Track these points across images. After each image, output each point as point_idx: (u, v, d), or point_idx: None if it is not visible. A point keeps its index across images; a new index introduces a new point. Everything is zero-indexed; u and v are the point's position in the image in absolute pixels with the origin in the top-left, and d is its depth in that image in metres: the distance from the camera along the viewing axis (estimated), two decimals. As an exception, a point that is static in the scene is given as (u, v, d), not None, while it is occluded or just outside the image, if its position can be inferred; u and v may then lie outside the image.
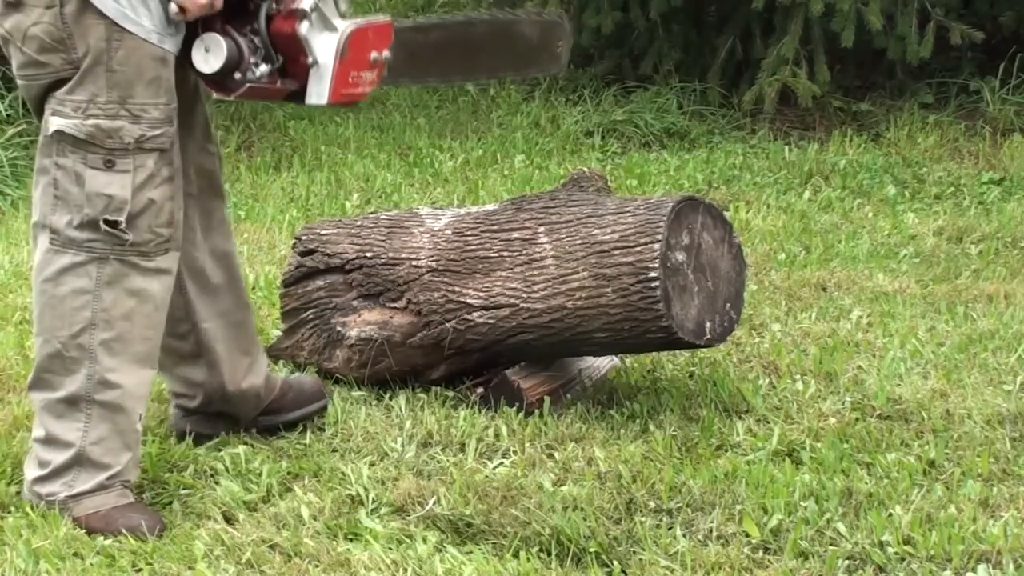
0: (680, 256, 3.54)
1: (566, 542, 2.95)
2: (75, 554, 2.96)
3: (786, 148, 7.04)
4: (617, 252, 3.55)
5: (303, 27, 3.10)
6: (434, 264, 3.78)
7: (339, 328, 3.88)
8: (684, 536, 3.00)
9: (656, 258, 3.49)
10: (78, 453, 3.07)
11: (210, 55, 3.07)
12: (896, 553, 2.91)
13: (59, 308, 3.04)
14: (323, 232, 4.02)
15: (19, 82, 3.07)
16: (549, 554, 2.94)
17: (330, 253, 3.94)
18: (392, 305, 3.83)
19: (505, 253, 3.71)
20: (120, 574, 2.91)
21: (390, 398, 3.78)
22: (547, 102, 7.58)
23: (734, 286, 3.66)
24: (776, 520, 3.03)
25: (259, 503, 3.20)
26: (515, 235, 3.72)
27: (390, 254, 3.86)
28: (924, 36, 7.13)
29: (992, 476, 3.30)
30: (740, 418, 3.66)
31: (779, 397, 3.81)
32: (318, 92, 3.16)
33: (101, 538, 3.01)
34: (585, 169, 3.87)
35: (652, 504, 3.14)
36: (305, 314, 3.96)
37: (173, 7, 3.01)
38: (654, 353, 3.97)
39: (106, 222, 2.99)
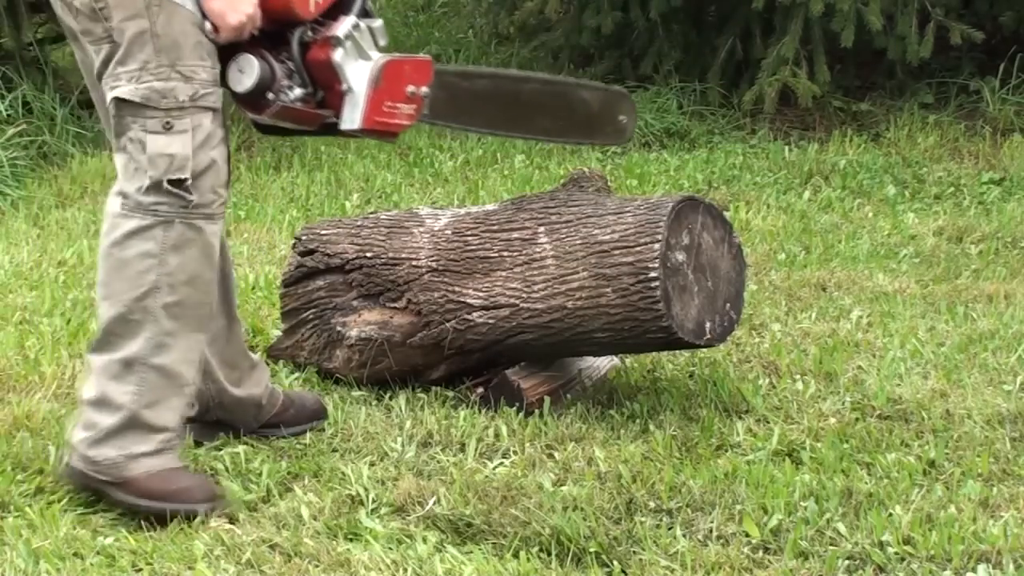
0: (680, 256, 3.54)
1: (566, 542, 2.95)
2: (75, 554, 2.96)
3: (786, 148, 7.04)
4: (617, 252, 3.55)
5: (337, 54, 3.20)
6: (434, 264, 3.78)
7: (339, 328, 3.88)
8: (684, 536, 3.00)
9: (656, 258, 3.49)
10: (131, 415, 3.08)
11: (243, 75, 3.16)
12: (896, 553, 2.91)
13: (125, 271, 3.08)
14: (323, 232, 4.02)
15: (76, 52, 3.19)
16: (549, 554, 2.94)
17: (330, 253, 3.94)
18: (392, 305, 3.83)
19: (505, 253, 3.71)
20: (120, 574, 2.91)
21: (390, 398, 3.78)
22: (547, 102, 7.57)
23: (734, 286, 3.66)
24: (776, 520, 3.03)
25: (259, 503, 3.20)
26: (515, 235, 3.72)
27: (390, 254, 3.86)
28: (924, 36, 7.13)
29: (992, 476, 3.30)
30: (740, 418, 3.66)
31: (779, 397, 3.81)
32: (351, 117, 3.24)
33: (101, 538, 3.01)
34: (585, 169, 3.87)
35: (652, 504, 3.14)
36: (305, 314, 3.96)
37: (208, 25, 3.11)
38: (654, 353, 3.97)
39: (170, 182, 3.05)
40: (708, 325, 3.59)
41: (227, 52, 3.18)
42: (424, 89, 3.33)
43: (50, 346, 4.18)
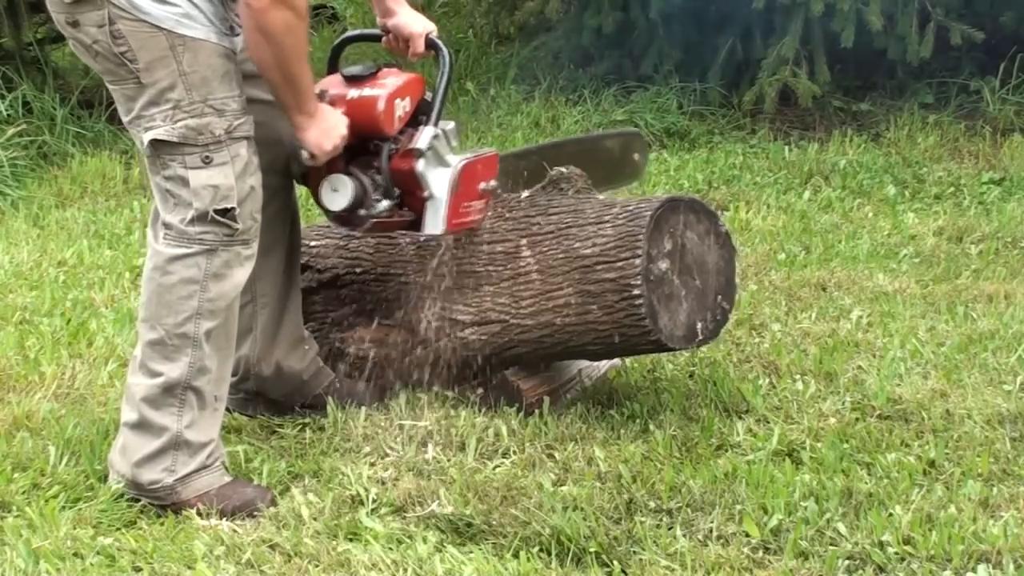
0: (663, 265, 3.51)
1: (566, 542, 2.95)
2: (75, 554, 2.96)
3: (786, 148, 7.04)
4: (599, 267, 3.51)
5: (420, 164, 3.42)
6: (422, 280, 3.74)
7: (338, 344, 3.85)
8: (684, 536, 3.00)
9: (638, 274, 3.46)
10: (175, 437, 3.13)
11: (337, 194, 3.38)
12: (896, 553, 2.91)
13: (166, 296, 3.13)
14: (312, 244, 3.94)
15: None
16: (549, 554, 2.94)
17: (320, 269, 3.88)
18: (386, 322, 3.79)
19: (491, 267, 3.67)
20: (120, 574, 2.91)
21: (390, 398, 3.77)
22: (547, 102, 7.58)
23: (724, 275, 3.62)
24: (776, 520, 3.03)
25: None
26: (498, 248, 3.68)
27: (379, 269, 3.82)
28: (924, 36, 7.13)
29: (992, 476, 3.30)
30: (740, 418, 3.66)
31: (779, 397, 3.81)
32: (434, 223, 3.47)
33: (101, 538, 3.01)
34: (563, 169, 3.82)
35: (652, 504, 3.14)
36: (304, 327, 3.93)
37: (304, 154, 3.29)
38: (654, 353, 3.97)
39: (217, 211, 3.11)
40: (699, 326, 3.57)
41: (316, 171, 3.39)
42: (493, 183, 3.56)
43: (50, 346, 4.19)
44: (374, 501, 3.17)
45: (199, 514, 3.11)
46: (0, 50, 7.33)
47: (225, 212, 3.11)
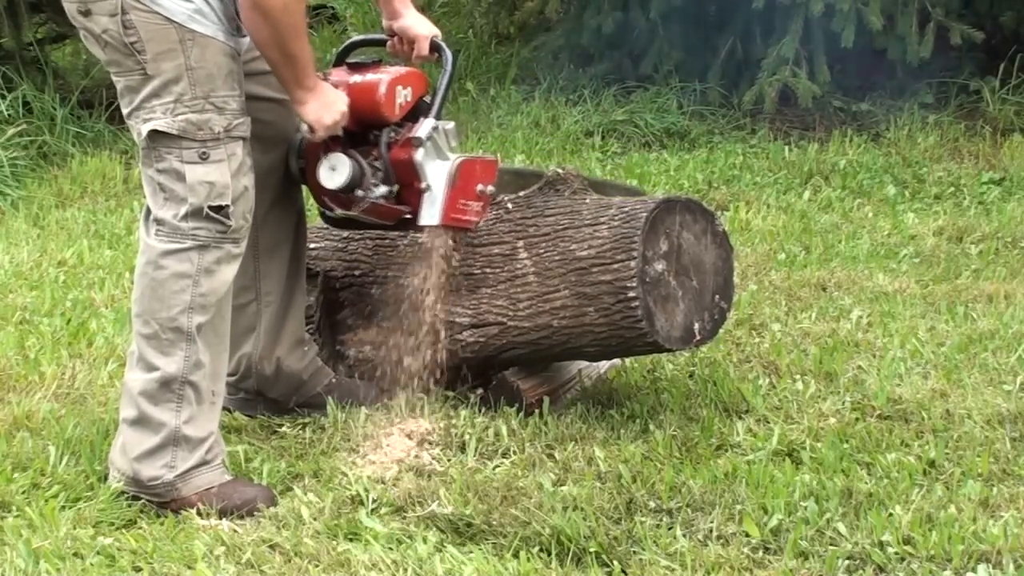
0: (660, 266, 3.50)
1: (566, 542, 2.95)
2: (75, 554, 2.96)
3: (786, 148, 7.04)
4: (595, 269, 3.50)
5: (419, 154, 3.44)
6: (420, 283, 3.72)
7: (338, 347, 3.85)
8: (684, 536, 3.00)
9: (634, 276, 3.45)
10: (173, 432, 3.14)
11: (335, 172, 3.39)
12: (896, 553, 2.91)
13: (159, 290, 3.14)
14: (312, 246, 3.93)
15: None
16: (549, 554, 2.94)
17: (319, 272, 3.89)
18: (385, 324, 3.79)
19: (488, 270, 3.67)
20: (120, 574, 2.91)
21: (390, 398, 3.77)
22: (547, 102, 7.58)
23: (721, 275, 3.62)
24: (776, 520, 3.03)
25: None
26: (495, 250, 3.68)
27: (377, 271, 3.82)
28: (924, 36, 7.13)
29: (992, 476, 3.30)
30: (740, 418, 3.66)
31: (779, 397, 3.81)
32: (430, 213, 3.48)
33: (101, 538, 3.01)
34: (560, 169, 3.80)
35: (652, 504, 3.14)
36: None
37: (304, 127, 3.33)
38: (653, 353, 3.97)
39: (211, 208, 3.12)
40: (697, 326, 3.56)
41: (314, 151, 3.42)
42: (491, 188, 3.57)
43: (50, 346, 4.19)
44: (374, 501, 3.17)
45: (199, 513, 3.11)
46: (0, 50, 7.33)
47: (219, 209, 3.13)
